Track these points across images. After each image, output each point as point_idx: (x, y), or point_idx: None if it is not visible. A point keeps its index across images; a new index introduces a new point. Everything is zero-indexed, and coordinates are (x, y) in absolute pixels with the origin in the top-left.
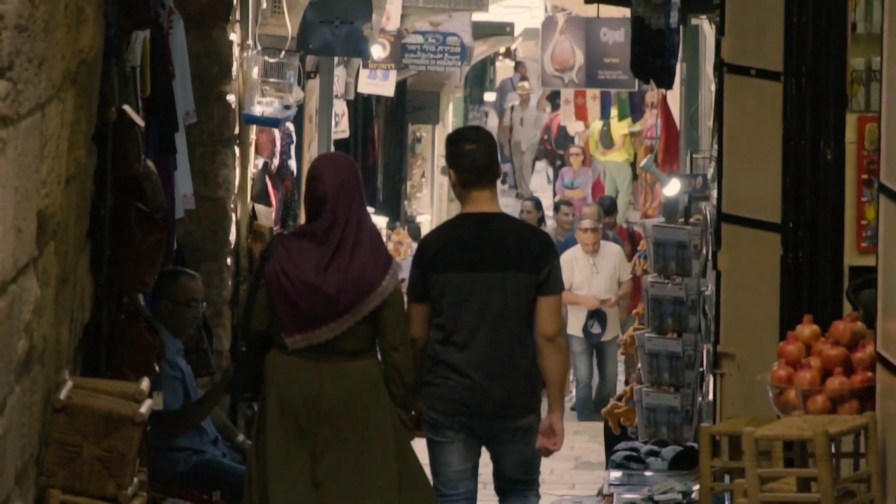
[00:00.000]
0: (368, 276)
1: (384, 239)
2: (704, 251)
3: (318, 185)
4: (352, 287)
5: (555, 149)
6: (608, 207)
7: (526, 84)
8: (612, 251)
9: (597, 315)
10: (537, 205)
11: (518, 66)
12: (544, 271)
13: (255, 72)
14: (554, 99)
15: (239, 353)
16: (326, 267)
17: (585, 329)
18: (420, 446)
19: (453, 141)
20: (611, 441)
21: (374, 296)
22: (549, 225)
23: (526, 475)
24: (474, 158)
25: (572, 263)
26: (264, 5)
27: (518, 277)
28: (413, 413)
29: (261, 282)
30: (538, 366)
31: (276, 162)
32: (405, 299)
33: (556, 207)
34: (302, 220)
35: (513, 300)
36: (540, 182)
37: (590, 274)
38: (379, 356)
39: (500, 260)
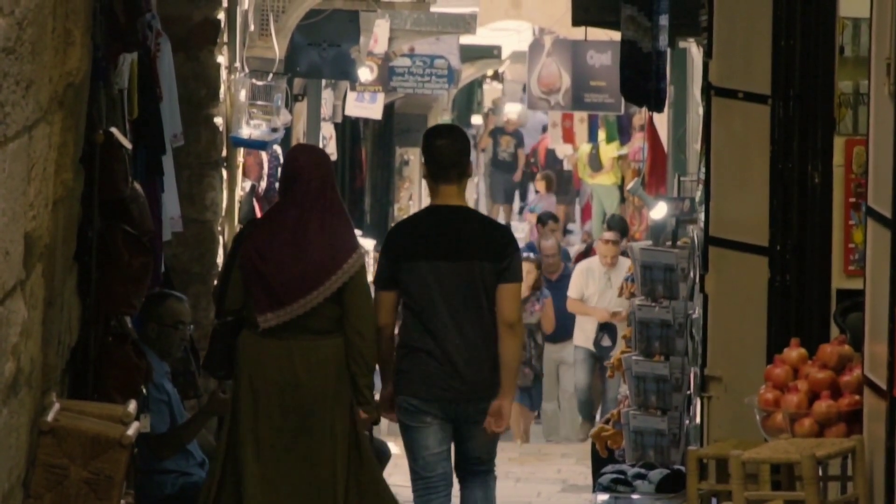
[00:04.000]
0: (336, 255)
1: (371, 261)
2: (692, 274)
3: (292, 164)
4: (320, 263)
5: (541, 171)
6: (622, 229)
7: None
8: (628, 266)
9: (607, 328)
10: None
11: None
12: (506, 261)
13: (243, 94)
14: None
15: (213, 331)
16: (296, 246)
17: (597, 342)
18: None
19: (427, 136)
20: (598, 464)
21: (341, 273)
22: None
23: (488, 455)
24: (443, 153)
25: (587, 274)
26: (252, 28)
27: (483, 266)
28: (379, 397)
29: (235, 262)
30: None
31: (263, 184)
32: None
33: (542, 220)
34: None
35: (479, 288)
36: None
37: (604, 287)
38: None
39: (466, 250)
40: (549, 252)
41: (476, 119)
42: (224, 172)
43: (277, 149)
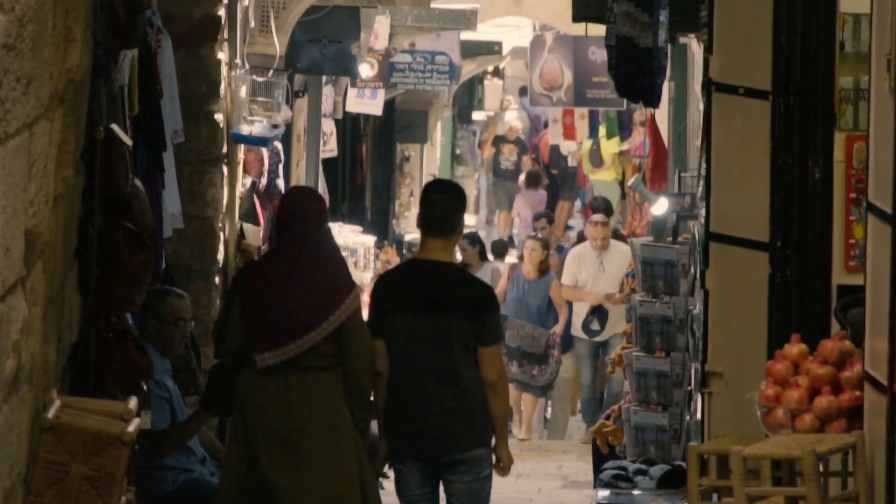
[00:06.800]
0: (333, 295)
1: (373, 257)
2: (692, 270)
3: (288, 207)
4: (318, 305)
5: (543, 168)
6: (605, 209)
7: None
8: (620, 251)
9: (597, 311)
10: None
11: None
12: (482, 322)
13: (244, 91)
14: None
15: (211, 370)
16: (295, 287)
17: (585, 325)
18: None
19: (425, 188)
20: (599, 460)
21: (338, 313)
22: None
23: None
24: (435, 207)
25: (579, 259)
26: (252, 24)
27: (461, 324)
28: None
29: (234, 302)
30: (484, 403)
31: (264, 181)
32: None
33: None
34: None
35: (454, 344)
36: None
37: (596, 272)
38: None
39: (442, 306)
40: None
41: (477, 115)
42: (225, 169)
43: (278, 145)
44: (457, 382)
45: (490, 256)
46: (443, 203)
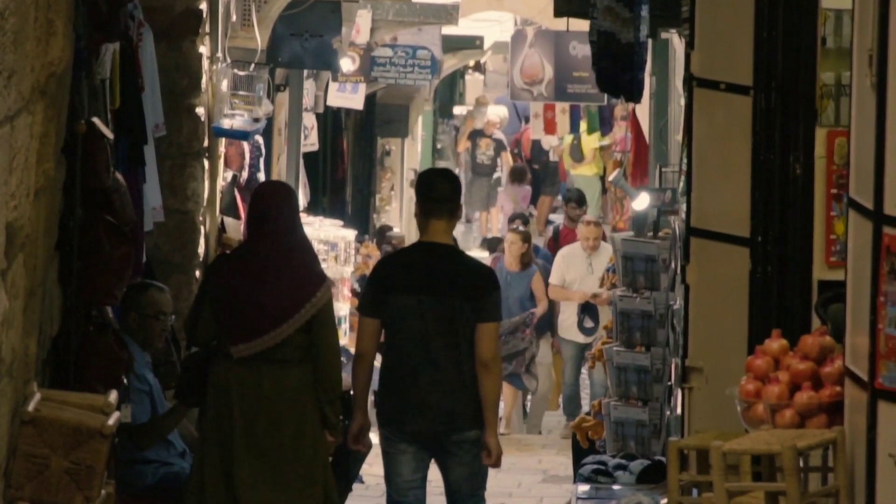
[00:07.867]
0: (305, 289)
1: (353, 251)
2: (673, 265)
3: (260, 204)
4: (290, 298)
5: (526, 163)
6: (578, 200)
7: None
8: (610, 252)
9: (588, 309)
10: None
11: None
12: (484, 300)
13: (225, 85)
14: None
15: (184, 361)
16: (267, 280)
17: (580, 324)
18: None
19: (421, 175)
20: (579, 455)
21: (309, 306)
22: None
23: (469, 488)
24: (436, 188)
25: (568, 259)
26: (234, 18)
27: (462, 304)
28: (350, 421)
29: (207, 295)
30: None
31: (244, 175)
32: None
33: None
34: None
35: (457, 324)
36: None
37: (584, 273)
38: None
39: (446, 287)
40: None
41: (458, 110)
42: (206, 163)
43: (259, 139)
44: (458, 363)
45: (486, 253)
46: (444, 185)
